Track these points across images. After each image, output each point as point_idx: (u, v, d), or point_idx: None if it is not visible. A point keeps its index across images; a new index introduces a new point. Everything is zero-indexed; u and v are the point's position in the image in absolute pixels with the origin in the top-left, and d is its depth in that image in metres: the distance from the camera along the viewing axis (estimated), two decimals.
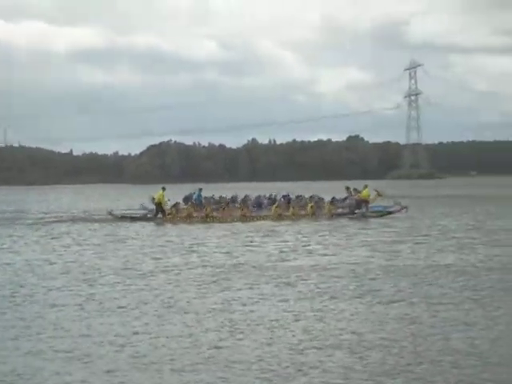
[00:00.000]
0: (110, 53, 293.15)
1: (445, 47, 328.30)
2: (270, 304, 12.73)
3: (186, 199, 39.67)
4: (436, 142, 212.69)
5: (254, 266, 17.59)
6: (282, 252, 20.63)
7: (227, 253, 20.74)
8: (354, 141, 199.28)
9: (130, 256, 20.55)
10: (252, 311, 12.14)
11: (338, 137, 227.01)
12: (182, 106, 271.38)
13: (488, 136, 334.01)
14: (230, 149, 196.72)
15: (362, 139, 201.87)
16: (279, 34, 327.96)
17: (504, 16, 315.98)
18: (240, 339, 10.17)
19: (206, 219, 33.36)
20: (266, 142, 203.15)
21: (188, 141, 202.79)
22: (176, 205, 35.41)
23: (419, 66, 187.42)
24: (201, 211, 34.96)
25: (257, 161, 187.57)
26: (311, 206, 33.77)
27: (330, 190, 48.73)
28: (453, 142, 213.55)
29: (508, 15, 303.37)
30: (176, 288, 14.66)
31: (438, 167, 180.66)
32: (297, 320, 11.39)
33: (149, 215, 36.27)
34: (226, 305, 12.73)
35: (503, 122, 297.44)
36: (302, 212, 33.74)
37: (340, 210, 34.27)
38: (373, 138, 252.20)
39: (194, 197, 40.00)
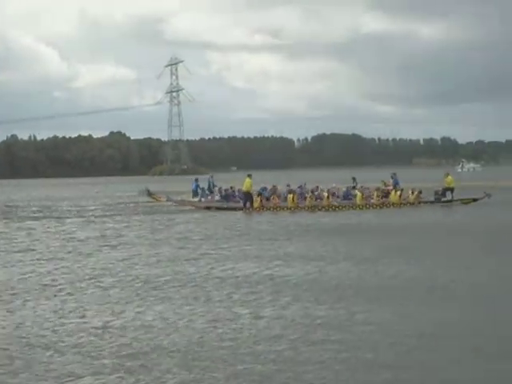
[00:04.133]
0: None
1: (204, 45, 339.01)
2: None
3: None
4: (197, 137, 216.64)
5: None
6: None
7: None
8: (116, 137, 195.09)
9: None
10: None
11: (100, 133, 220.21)
12: None
13: (247, 132, 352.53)
14: None
15: (124, 135, 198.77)
16: (36, 28, 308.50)
17: (260, 15, 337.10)
18: None
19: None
20: (26, 137, 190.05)
21: None
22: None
23: (180, 62, 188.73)
24: None
25: (16, 157, 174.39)
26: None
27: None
28: (214, 138, 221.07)
29: (264, 15, 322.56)
30: None
31: (199, 163, 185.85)
32: None
33: None
34: None
35: (260, 118, 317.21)
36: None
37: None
38: (135, 134, 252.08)
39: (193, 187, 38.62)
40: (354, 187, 35.99)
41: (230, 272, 14.08)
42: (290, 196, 32.06)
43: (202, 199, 36.47)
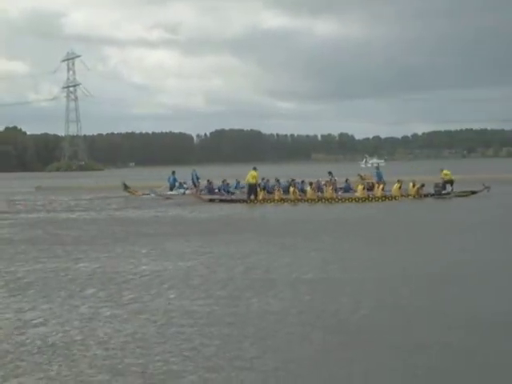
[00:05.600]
0: None
1: (101, 40, 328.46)
2: None
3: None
4: (95, 133, 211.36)
5: None
6: None
7: None
8: (12, 132, 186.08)
9: None
10: None
11: None
12: None
13: (145, 127, 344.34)
14: None
15: (20, 131, 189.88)
16: None
17: (158, 11, 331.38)
18: None
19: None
20: None
21: None
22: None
23: (77, 57, 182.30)
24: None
25: None
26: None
27: None
28: (112, 134, 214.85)
29: (161, 10, 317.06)
30: None
31: (97, 159, 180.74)
32: None
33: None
34: None
35: (159, 113, 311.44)
36: None
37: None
38: (32, 129, 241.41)
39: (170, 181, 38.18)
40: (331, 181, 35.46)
41: None
42: (292, 189, 31.44)
43: (181, 191, 35.77)
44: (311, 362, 7.00)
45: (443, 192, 33.45)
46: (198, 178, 36.92)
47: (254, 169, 31.86)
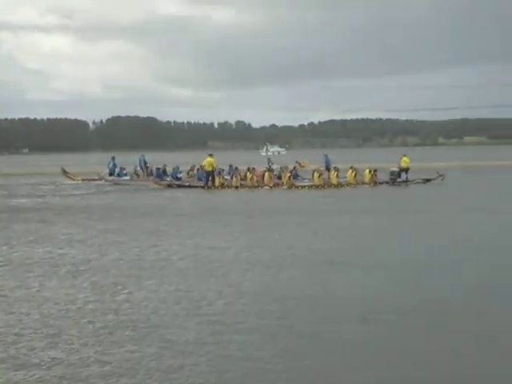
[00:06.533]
0: None
1: None
2: None
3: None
4: None
5: None
6: None
7: None
8: None
9: None
10: None
11: None
12: None
13: (40, 113, 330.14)
14: None
15: None
16: None
17: None
18: None
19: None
20: None
21: None
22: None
23: None
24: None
25: None
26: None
27: None
28: (6, 119, 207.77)
29: None
30: None
31: None
32: None
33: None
34: None
35: (54, 100, 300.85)
36: None
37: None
38: None
39: (110, 166, 39.02)
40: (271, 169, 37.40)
41: None
42: (250, 175, 33.40)
43: (126, 178, 37.24)
44: None
45: (399, 180, 33.73)
46: (145, 163, 38.24)
47: (211, 155, 33.67)
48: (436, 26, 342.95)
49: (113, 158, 39.47)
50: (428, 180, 34.04)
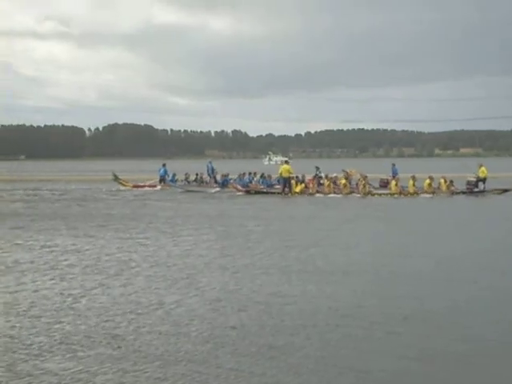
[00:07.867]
0: None
1: None
2: None
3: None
4: None
5: None
6: None
7: None
8: None
9: None
10: None
11: None
12: None
13: (37, 120, 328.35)
14: None
15: None
16: None
17: (49, 2, 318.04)
18: None
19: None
20: None
21: None
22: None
23: None
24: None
25: None
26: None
27: None
28: (2, 126, 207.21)
29: (53, 2, 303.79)
30: None
31: None
32: None
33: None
34: None
35: (50, 107, 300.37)
36: None
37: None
38: None
39: (161, 173, 39.53)
40: (319, 176, 37.86)
41: None
42: (327, 183, 33.83)
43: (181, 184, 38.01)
44: None
45: (475, 190, 33.07)
46: (213, 170, 38.21)
47: (287, 162, 34.24)
48: (433, 39, 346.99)
49: (164, 165, 39.75)
50: (506, 190, 33.46)
